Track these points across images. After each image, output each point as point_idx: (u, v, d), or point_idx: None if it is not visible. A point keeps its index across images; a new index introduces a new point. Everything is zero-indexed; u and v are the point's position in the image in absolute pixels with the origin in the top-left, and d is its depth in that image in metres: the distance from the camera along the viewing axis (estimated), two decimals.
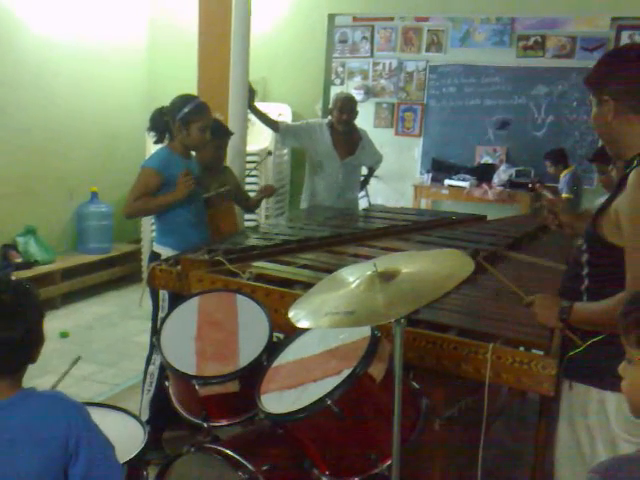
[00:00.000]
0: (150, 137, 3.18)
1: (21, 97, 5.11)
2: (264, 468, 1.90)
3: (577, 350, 1.81)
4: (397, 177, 7.38)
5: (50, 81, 5.34)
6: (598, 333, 1.75)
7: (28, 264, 5.00)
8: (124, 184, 6.06)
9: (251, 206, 3.81)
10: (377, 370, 1.77)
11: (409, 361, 1.97)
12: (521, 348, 2.00)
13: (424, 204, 7.07)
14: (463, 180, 6.89)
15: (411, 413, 1.84)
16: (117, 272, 5.80)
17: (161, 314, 3.00)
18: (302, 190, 4.70)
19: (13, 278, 1.60)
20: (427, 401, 1.89)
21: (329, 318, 1.54)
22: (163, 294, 2.96)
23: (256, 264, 2.64)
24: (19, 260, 5.00)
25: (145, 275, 5.91)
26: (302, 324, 1.63)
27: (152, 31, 6.25)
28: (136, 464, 1.91)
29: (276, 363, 2.03)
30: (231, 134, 3.52)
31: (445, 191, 6.96)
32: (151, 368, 3.03)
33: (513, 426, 3.26)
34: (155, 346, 3.03)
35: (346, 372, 1.76)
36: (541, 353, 1.94)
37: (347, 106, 4.32)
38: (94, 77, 5.73)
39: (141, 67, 6.26)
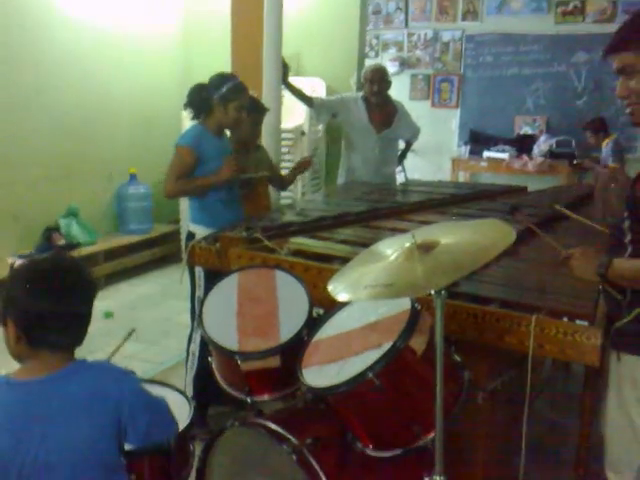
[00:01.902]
0: (187, 113, 3.18)
1: (59, 79, 5.18)
2: (308, 441, 1.92)
3: (624, 320, 1.77)
4: (434, 150, 7.27)
5: (88, 63, 5.40)
6: None
7: (71, 246, 5.09)
8: (162, 165, 6.08)
9: (285, 184, 3.79)
10: (418, 343, 1.76)
11: (450, 334, 1.95)
12: (564, 319, 1.95)
13: (462, 177, 6.96)
14: (502, 152, 6.76)
15: (453, 386, 1.83)
16: (157, 252, 5.88)
17: (198, 293, 3.03)
18: (338, 166, 4.68)
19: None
20: (469, 374, 1.87)
21: (368, 290, 1.53)
22: (199, 272, 2.99)
23: (294, 240, 2.64)
24: (62, 242, 5.10)
25: (185, 254, 6.02)
26: (341, 297, 1.63)
27: (187, 12, 6.26)
28: (183, 439, 1.95)
29: (316, 338, 2.04)
30: (266, 110, 3.50)
31: (484, 163, 6.83)
32: (192, 346, 3.07)
33: (557, 400, 3.22)
34: (195, 324, 3.09)
35: (387, 345, 1.75)
36: (585, 324, 1.90)
37: (376, 76, 4.26)
38: (131, 59, 5.77)
39: (177, 48, 6.28)
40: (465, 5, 7.32)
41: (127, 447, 1.53)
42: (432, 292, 1.56)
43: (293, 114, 5.36)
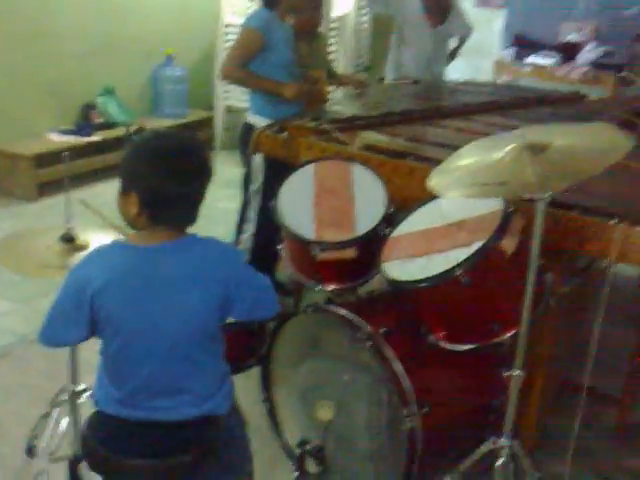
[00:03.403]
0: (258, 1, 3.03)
1: None
2: (382, 330, 1.98)
3: None
4: (474, 52, 7.01)
5: None
6: None
7: (109, 125, 5.04)
8: (199, 47, 5.98)
9: (335, 82, 3.69)
10: (508, 244, 1.78)
11: (530, 236, 1.96)
12: None
13: (503, 81, 6.77)
14: (547, 58, 6.55)
15: (536, 289, 1.86)
16: None
17: (255, 184, 3.02)
18: (382, 61, 4.53)
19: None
20: (552, 276, 1.90)
21: (479, 188, 1.53)
22: (258, 163, 2.97)
23: (363, 134, 2.60)
24: (100, 120, 5.05)
25: (219, 142, 5.97)
26: (449, 193, 1.63)
27: None
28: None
29: (396, 233, 2.05)
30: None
31: (527, 68, 6.63)
32: (244, 237, 3.10)
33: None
34: (246, 215, 3.09)
35: (477, 244, 1.77)
36: None
37: None
38: None
39: None
40: None
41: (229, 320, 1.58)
42: (536, 197, 1.55)
43: (339, 3, 5.16)
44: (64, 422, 1.93)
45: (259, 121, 3.01)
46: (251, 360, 2.19)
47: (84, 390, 1.89)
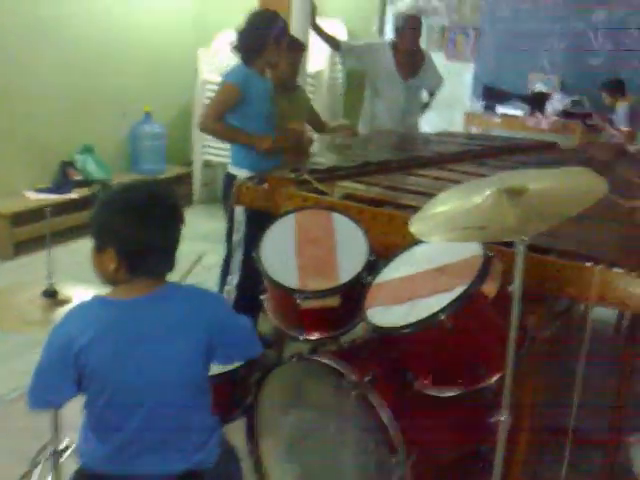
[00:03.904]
0: (236, 57, 3.10)
1: (77, 13, 5.04)
2: (367, 378, 1.97)
3: None
4: (446, 104, 7.20)
5: None
6: None
7: (87, 182, 5.05)
8: (176, 104, 6.07)
9: (324, 130, 3.77)
10: (490, 288, 1.80)
11: (509, 280, 1.99)
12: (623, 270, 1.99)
13: (474, 132, 6.94)
14: (516, 108, 6.75)
15: (519, 331, 1.87)
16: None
17: (237, 235, 3.05)
18: (356, 113, 4.64)
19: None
20: (533, 319, 1.92)
21: (460, 232, 1.56)
22: (239, 216, 3.00)
23: (342, 184, 2.64)
24: (78, 178, 5.06)
25: (196, 197, 5.99)
26: (430, 238, 1.65)
27: None
28: (250, 368, 2.01)
29: (378, 280, 2.07)
30: (305, 49, 3.44)
31: (497, 119, 6.82)
32: (227, 288, 3.10)
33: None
34: (231, 267, 3.10)
35: (460, 289, 1.78)
36: None
37: (416, 24, 4.23)
38: None
39: None
40: None
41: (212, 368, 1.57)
42: (515, 239, 1.59)
43: (313, 59, 5.29)
44: None
45: (240, 172, 3.05)
46: (236, 413, 2.17)
47: (66, 448, 1.85)
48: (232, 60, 3.19)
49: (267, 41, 2.95)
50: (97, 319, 1.45)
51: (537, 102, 6.78)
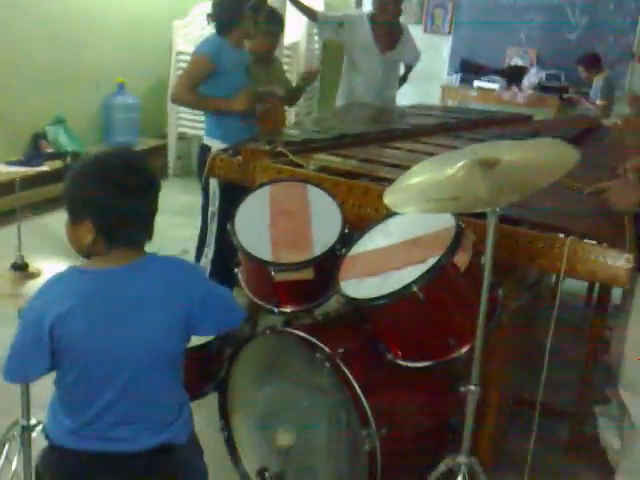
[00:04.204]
0: (211, 27, 3.06)
1: None
2: (340, 350, 1.98)
3: None
4: (423, 77, 7.18)
5: None
6: None
7: (59, 154, 4.97)
8: (151, 75, 5.97)
9: (293, 98, 3.73)
10: (461, 259, 1.81)
11: (481, 252, 2.00)
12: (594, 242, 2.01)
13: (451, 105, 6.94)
14: (492, 82, 6.75)
15: (489, 303, 1.89)
16: None
17: (211, 208, 3.03)
18: (333, 87, 4.60)
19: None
20: (503, 292, 1.94)
21: (433, 204, 1.56)
22: (214, 189, 2.98)
23: (317, 156, 2.63)
24: (50, 150, 4.97)
25: (171, 170, 5.94)
26: (404, 209, 1.65)
27: None
28: (224, 340, 2.00)
29: (352, 252, 2.07)
30: (283, 21, 3.39)
31: (474, 92, 6.82)
32: (203, 261, 3.09)
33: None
34: (207, 238, 3.09)
35: (432, 260, 1.79)
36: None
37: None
38: None
39: None
40: None
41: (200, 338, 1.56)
42: (487, 210, 1.60)
43: (290, 30, 5.22)
44: (16, 459, 1.87)
45: (214, 143, 3.03)
46: (208, 387, 2.16)
47: (38, 423, 1.84)
48: (207, 31, 3.14)
49: (243, 12, 2.91)
50: (72, 291, 1.42)
51: (513, 76, 6.79)
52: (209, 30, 3.09)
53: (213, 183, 2.94)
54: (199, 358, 2.00)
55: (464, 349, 1.86)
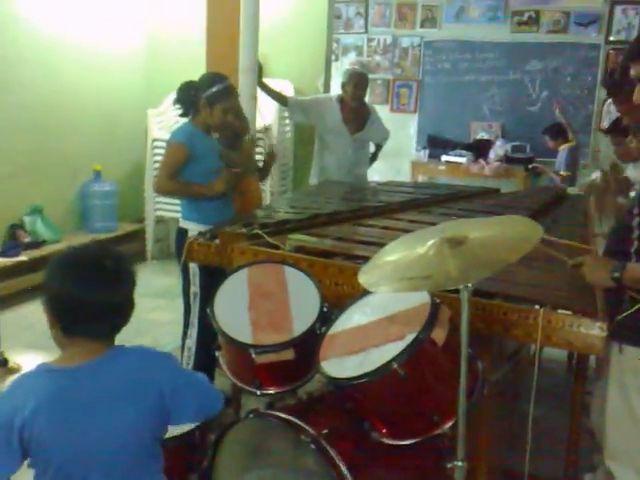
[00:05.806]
0: (174, 109, 3.19)
1: (22, 74, 5.05)
2: (324, 431, 1.97)
3: (626, 313, 1.90)
4: (393, 154, 7.41)
5: (52, 58, 5.28)
6: None
7: (36, 244, 4.98)
8: (127, 162, 6.08)
9: (262, 176, 3.82)
10: (439, 334, 1.84)
11: (458, 326, 2.04)
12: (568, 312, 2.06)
13: (421, 180, 7.14)
14: (460, 156, 6.97)
15: (470, 376, 1.91)
16: (123, 251, 5.66)
17: (193, 288, 3.05)
18: (306, 167, 4.74)
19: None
20: (482, 364, 1.97)
21: (406, 282, 1.60)
22: (194, 269, 3.01)
23: (292, 237, 2.68)
24: (27, 240, 4.98)
25: (150, 253, 5.96)
26: (378, 289, 1.69)
27: (153, 8, 6.17)
28: (206, 429, 1.98)
29: (331, 331, 2.09)
30: (236, 95, 3.37)
31: (442, 167, 7.04)
32: (188, 342, 3.08)
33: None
34: (190, 320, 3.09)
35: (410, 337, 1.82)
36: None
37: (362, 81, 4.37)
38: (95, 55, 5.67)
39: (141, 45, 6.19)
40: (424, 12, 7.51)
41: (179, 428, 1.54)
42: (459, 287, 1.64)
43: (261, 114, 5.39)
44: None
45: (190, 226, 3.08)
46: (192, 476, 2.13)
47: None
48: (181, 119, 3.25)
49: (200, 100, 3.02)
50: (41, 390, 1.41)
51: (479, 149, 7.04)
52: (184, 118, 3.20)
53: (193, 266, 2.98)
54: (181, 448, 1.98)
55: (448, 424, 1.86)
